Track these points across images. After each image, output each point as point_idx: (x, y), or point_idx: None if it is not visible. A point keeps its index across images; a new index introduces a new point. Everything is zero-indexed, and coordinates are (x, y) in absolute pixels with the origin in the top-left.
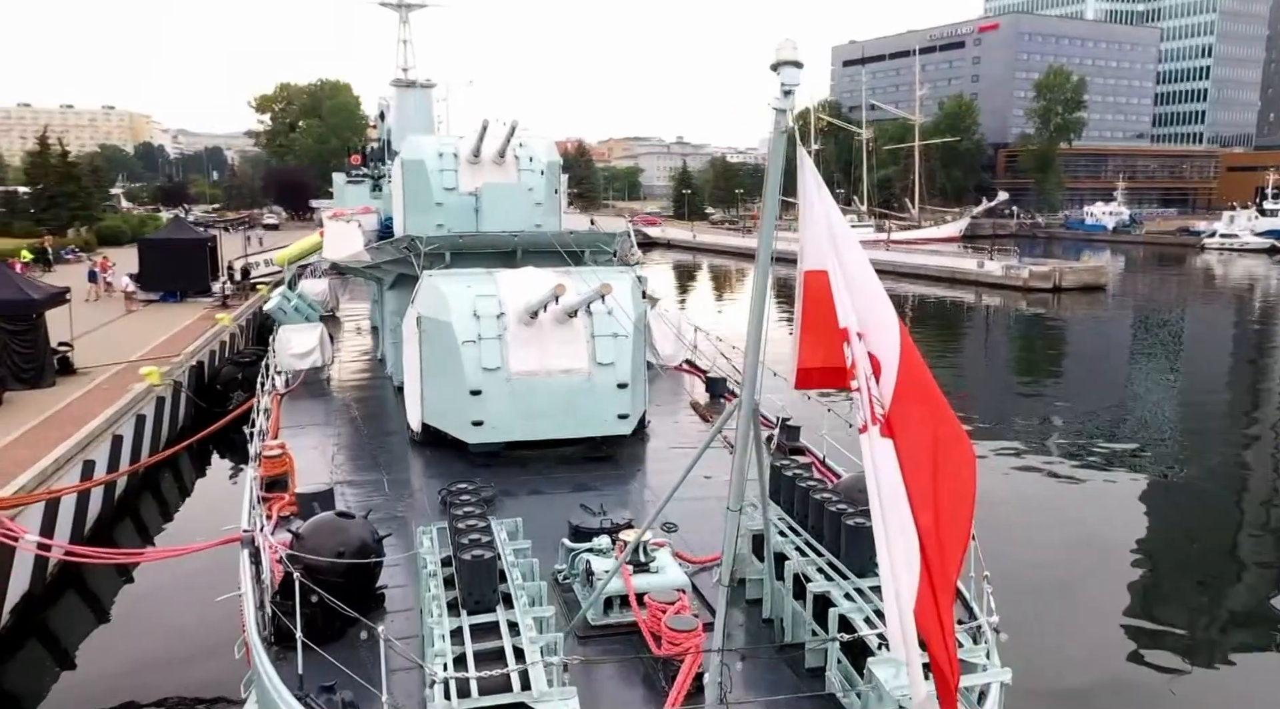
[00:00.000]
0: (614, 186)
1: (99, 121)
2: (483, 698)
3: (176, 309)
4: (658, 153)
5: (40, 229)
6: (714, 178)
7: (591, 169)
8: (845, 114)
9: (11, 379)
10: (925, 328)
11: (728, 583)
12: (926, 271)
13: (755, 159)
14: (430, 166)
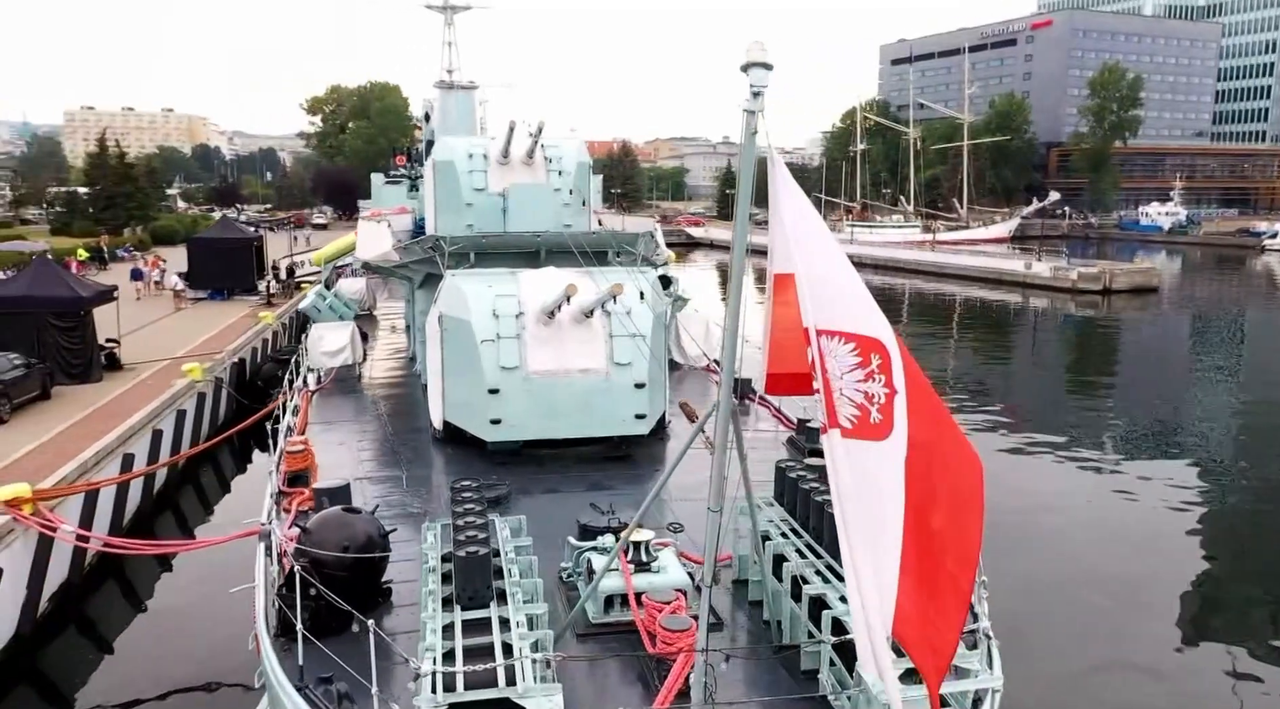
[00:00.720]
0: (659, 187)
1: (158, 123)
2: (468, 693)
3: (223, 307)
4: (703, 153)
5: (98, 229)
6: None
7: (636, 169)
8: (893, 113)
9: (60, 374)
10: (971, 330)
11: (710, 583)
12: (972, 273)
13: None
14: (460, 167)
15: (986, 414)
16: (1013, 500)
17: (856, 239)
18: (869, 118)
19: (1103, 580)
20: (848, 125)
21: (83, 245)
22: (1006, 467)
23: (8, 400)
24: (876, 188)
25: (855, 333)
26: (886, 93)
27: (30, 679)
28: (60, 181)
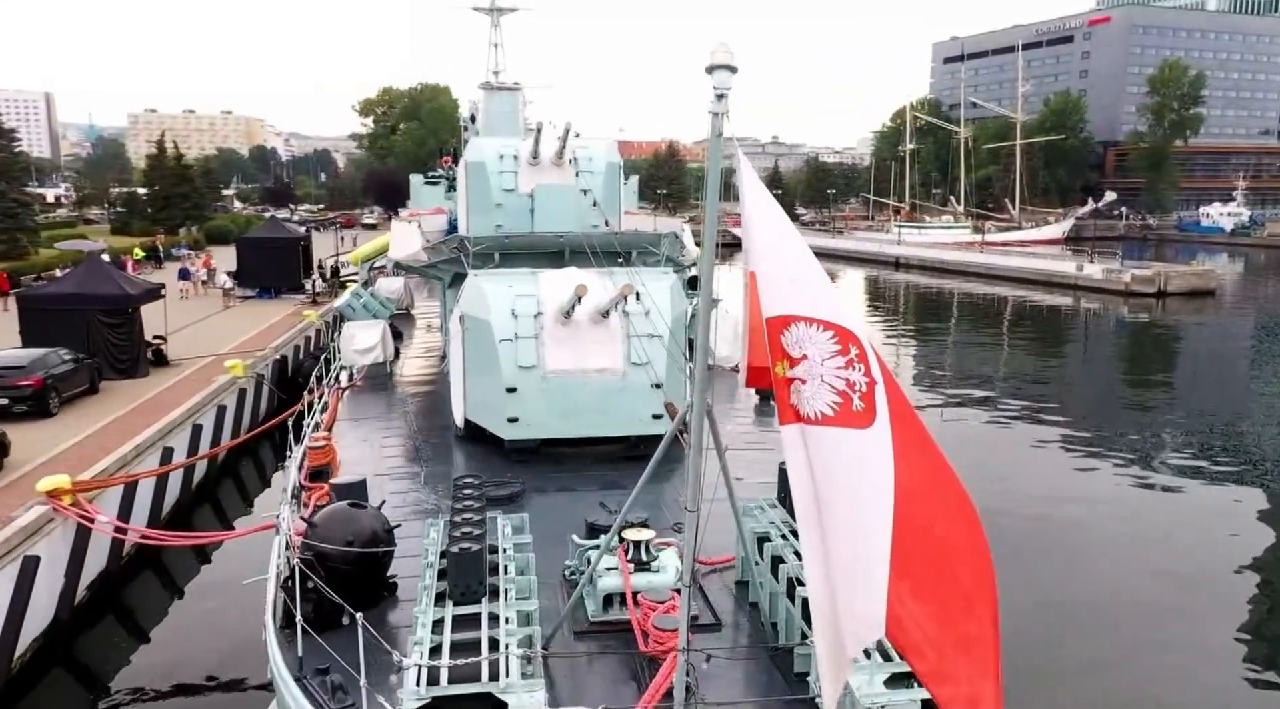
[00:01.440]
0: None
1: (218, 125)
2: (451, 686)
3: (270, 305)
4: (752, 153)
5: (156, 228)
6: (806, 178)
7: (682, 170)
8: (945, 112)
9: (108, 369)
10: (1020, 333)
11: (689, 583)
12: (1022, 274)
13: (852, 158)
14: (491, 168)
15: (1033, 420)
16: (1054, 508)
17: (903, 240)
18: (919, 117)
19: (1136, 603)
20: (898, 125)
21: (139, 244)
22: (1052, 474)
23: (56, 394)
24: (926, 188)
25: (834, 321)
26: (938, 91)
27: (66, 664)
28: (123, 182)
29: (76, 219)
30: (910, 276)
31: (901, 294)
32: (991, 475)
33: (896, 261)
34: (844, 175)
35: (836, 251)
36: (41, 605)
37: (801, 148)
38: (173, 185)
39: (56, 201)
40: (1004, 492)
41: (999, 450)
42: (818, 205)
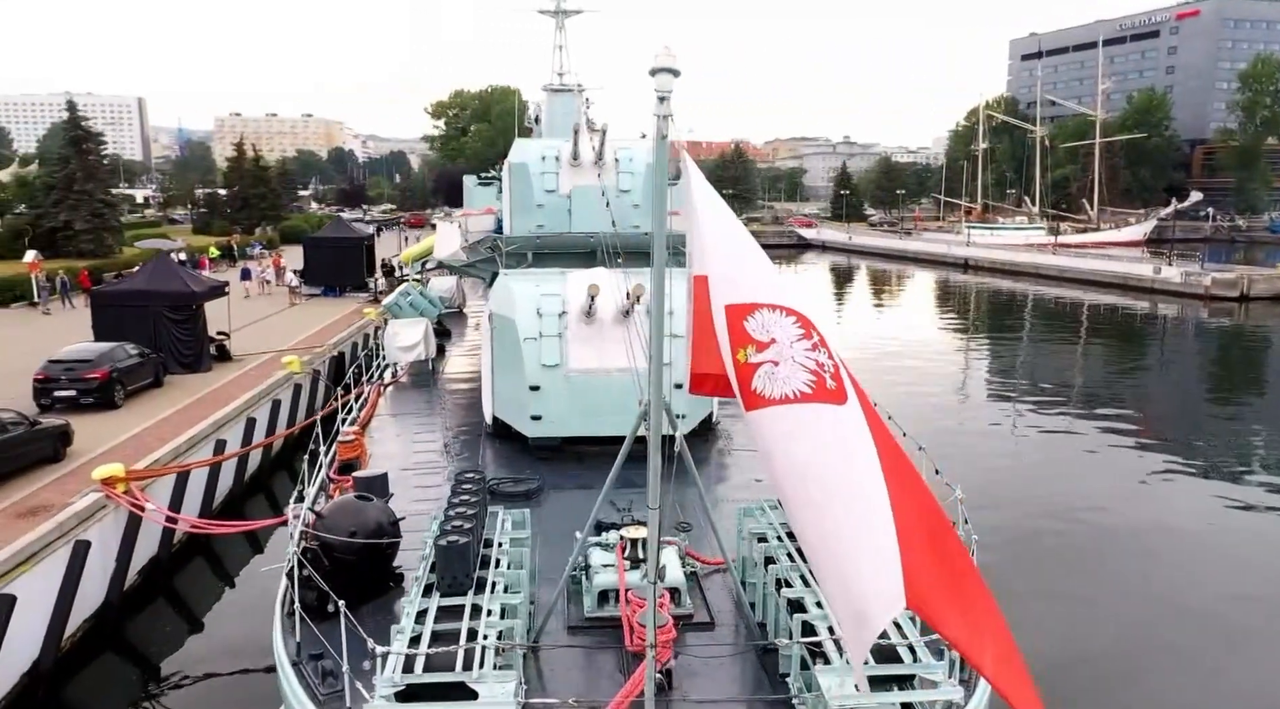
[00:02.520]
0: (777, 187)
1: (298, 128)
2: (426, 675)
3: (334, 303)
4: (823, 153)
5: (234, 228)
6: (876, 178)
7: (748, 170)
8: (1022, 111)
9: (173, 363)
10: (1094, 338)
11: (654, 580)
12: (1095, 277)
13: (925, 158)
14: (533, 169)
15: (1107, 428)
16: (1128, 521)
17: (973, 241)
18: (993, 116)
19: (1216, 627)
20: (972, 124)
21: (214, 243)
22: (1126, 485)
23: (122, 387)
24: (1001, 188)
25: (794, 309)
26: (1015, 89)
27: (115, 645)
28: (207, 184)
29: (162, 219)
30: (979, 279)
31: (972, 297)
32: (1065, 486)
33: (965, 263)
34: (916, 175)
35: (903, 253)
36: (93, 588)
37: (874, 148)
38: (250, 186)
39: (145, 202)
40: (1076, 502)
41: (1072, 459)
42: (887, 206)
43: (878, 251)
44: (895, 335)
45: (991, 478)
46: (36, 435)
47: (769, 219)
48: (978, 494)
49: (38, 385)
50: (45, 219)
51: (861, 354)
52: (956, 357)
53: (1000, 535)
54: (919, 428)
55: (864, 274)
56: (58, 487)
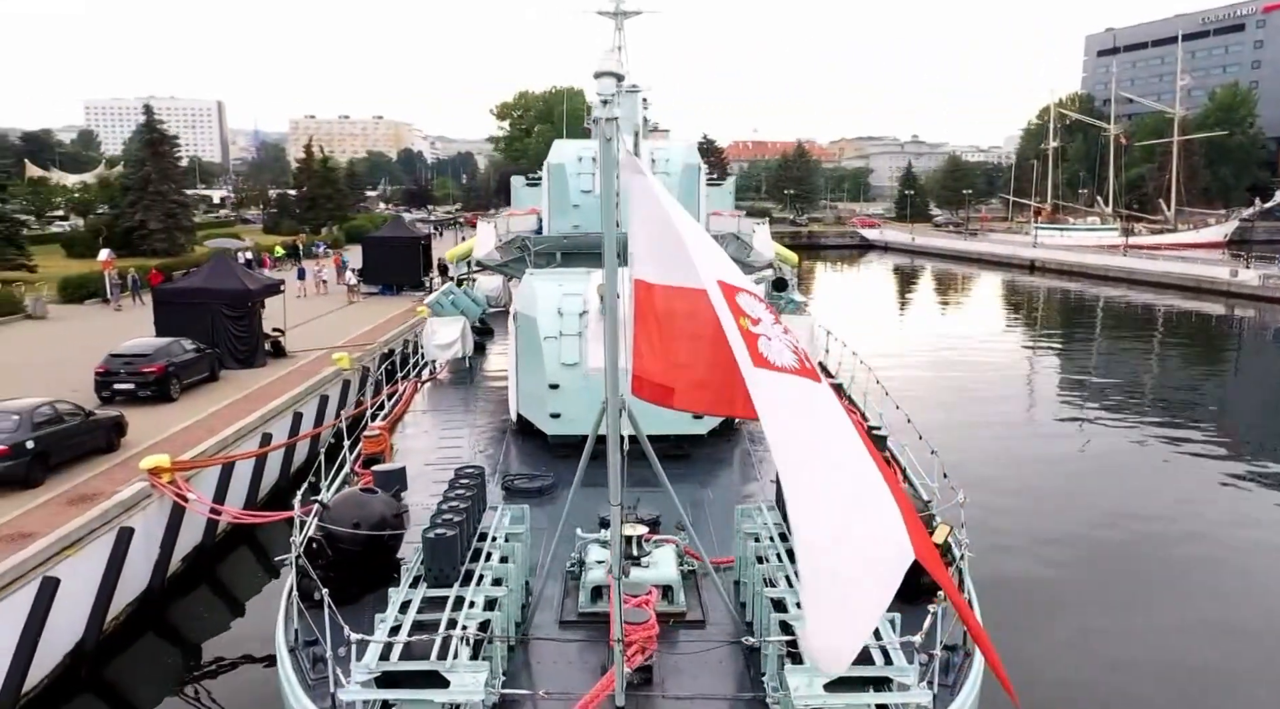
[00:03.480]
0: (842, 188)
1: (369, 130)
2: (401, 662)
3: (391, 301)
4: (890, 152)
5: (303, 227)
6: (942, 178)
7: (810, 170)
8: (1097, 108)
9: (229, 359)
10: (1169, 342)
11: (620, 576)
12: (1168, 280)
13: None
14: (570, 170)
15: (1180, 436)
16: (1203, 534)
17: (1040, 242)
18: (1065, 114)
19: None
20: (1044, 122)
21: (279, 243)
22: (1202, 497)
23: (178, 381)
24: (1073, 188)
25: (762, 297)
26: (1091, 86)
27: (158, 628)
28: (280, 184)
29: (234, 219)
30: (1047, 281)
31: (1039, 300)
32: (1136, 495)
33: (1031, 265)
34: (986, 175)
35: (967, 254)
36: (136, 574)
37: (943, 147)
38: (318, 187)
39: (220, 202)
40: (1148, 512)
41: (1143, 467)
42: (953, 206)
43: (941, 253)
44: (960, 337)
45: (1060, 484)
46: (91, 426)
47: (831, 219)
48: (1045, 499)
49: (99, 378)
50: (123, 219)
51: (925, 357)
52: (1022, 360)
53: (1066, 543)
54: (985, 432)
55: (928, 275)
56: (108, 476)
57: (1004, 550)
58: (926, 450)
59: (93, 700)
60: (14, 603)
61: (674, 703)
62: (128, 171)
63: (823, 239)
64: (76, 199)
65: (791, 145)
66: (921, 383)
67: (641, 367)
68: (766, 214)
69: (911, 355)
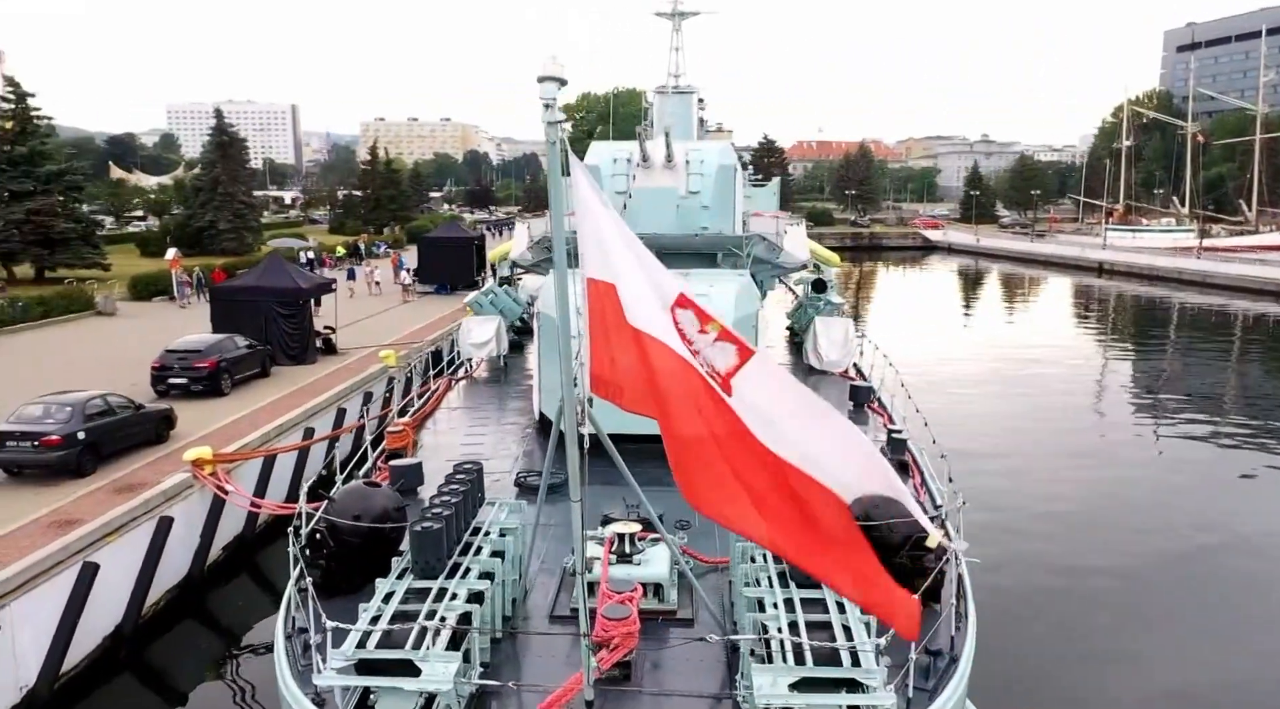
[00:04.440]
0: (908, 188)
1: (436, 132)
2: (377, 651)
3: (444, 301)
4: (958, 152)
5: (367, 228)
6: (1009, 177)
7: (873, 170)
8: (1176, 105)
9: (281, 355)
10: (1248, 349)
11: (583, 571)
12: (1244, 283)
13: (1070, 157)
14: (604, 171)
15: (1260, 445)
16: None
17: (1110, 244)
18: (1140, 111)
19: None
20: (1119, 120)
21: (341, 242)
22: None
23: (229, 376)
24: (1148, 188)
25: (685, 295)
26: (1170, 83)
27: (197, 615)
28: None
29: (303, 219)
30: (1116, 284)
31: (1110, 303)
32: (1213, 508)
33: (1099, 267)
34: (1058, 175)
35: (1032, 256)
36: (176, 561)
37: (1014, 146)
38: (382, 188)
39: (291, 203)
40: (1231, 529)
41: (1220, 479)
42: (1021, 207)
43: (1006, 254)
44: (1026, 342)
45: (1130, 493)
46: (141, 419)
47: (893, 220)
48: (1115, 509)
49: (154, 373)
50: (194, 219)
51: (991, 361)
52: (1085, 365)
53: (1137, 555)
54: (1057, 439)
55: (993, 278)
56: (155, 467)
57: (1054, 564)
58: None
59: (130, 681)
60: (56, 585)
61: (647, 698)
62: (199, 173)
63: (884, 240)
64: (153, 200)
65: (847, 146)
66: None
67: (598, 364)
68: (828, 215)
69: (970, 359)
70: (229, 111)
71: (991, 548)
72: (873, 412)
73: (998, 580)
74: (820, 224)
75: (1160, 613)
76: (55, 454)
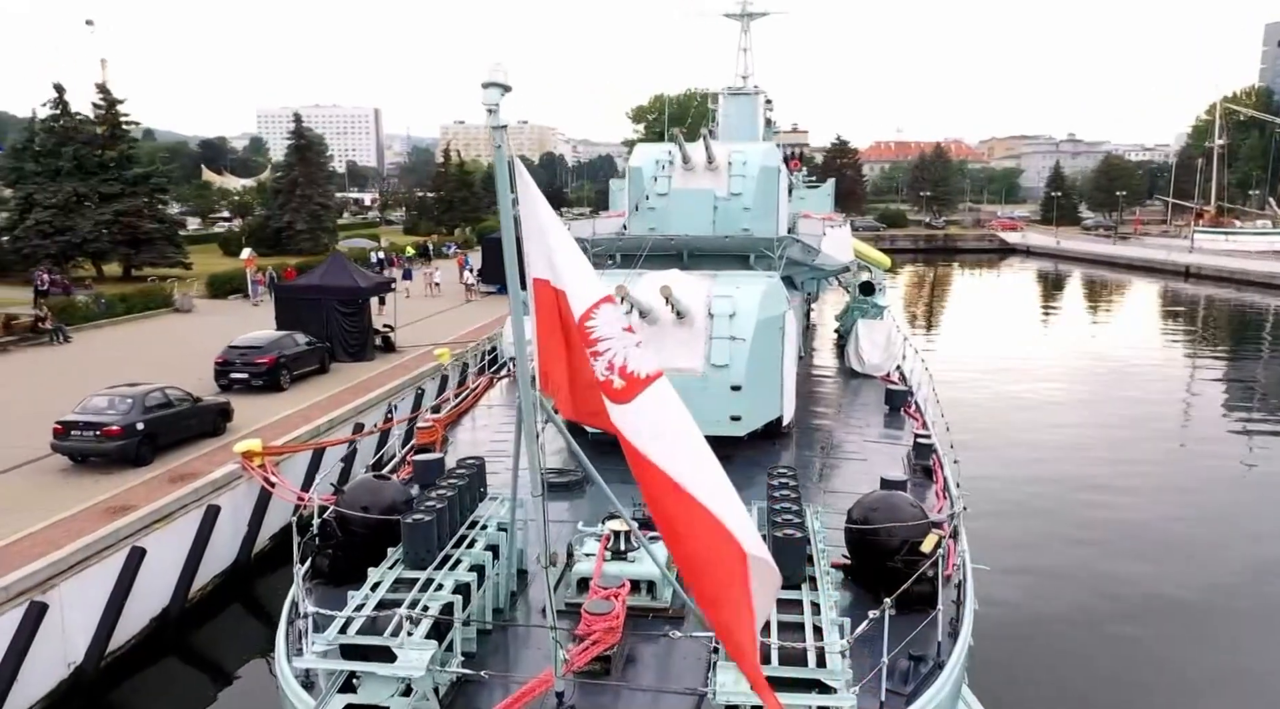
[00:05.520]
0: (989, 189)
1: (513, 134)
2: (357, 636)
3: (505, 300)
4: (1044, 151)
5: (440, 229)
6: (1094, 178)
7: (949, 171)
8: (1276, 103)
9: (340, 352)
10: None
11: (547, 565)
12: None
13: (1163, 157)
14: (646, 173)
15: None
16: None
17: (1198, 246)
18: (1235, 109)
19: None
20: (1212, 118)
21: (411, 243)
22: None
23: (288, 372)
24: (1243, 189)
25: (611, 295)
26: (1270, 79)
27: (244, 600)
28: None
29: (379, 221)
30: (1205, 289)
31: (1199, 309)
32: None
33: (1186, 271)
34: (1149, 175)
35: (1115, 259)
36: (222, 549)
37: (1103, 145)
38: (454, 190)
39: (370, 205)
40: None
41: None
42: (1107, 208)
43: (1088, 257)
44: (1102, 348)
45: (1207, 511)
46: (198, 411)
47: (969, 222)
48: (1202, 522)
49: (217, 368)
50: (273, 220)
51: (1064, 368)
52: (1170, 374)
53: (1201, 584)
54: (1130, 450)
55: (1075, 282)
56: (209, 458)
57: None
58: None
59: (175, 663)
60: (105, 568)
61: (616, 692)
62: (278, 176)
63: (959, 242)
64: (237, 201)
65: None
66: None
67: (543, 363)
68: (901, 216)
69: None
70: (314, 116)
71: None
72: (908, 415)
73: (1029, 591)
74: (892, 226)
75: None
76: (115, 444)
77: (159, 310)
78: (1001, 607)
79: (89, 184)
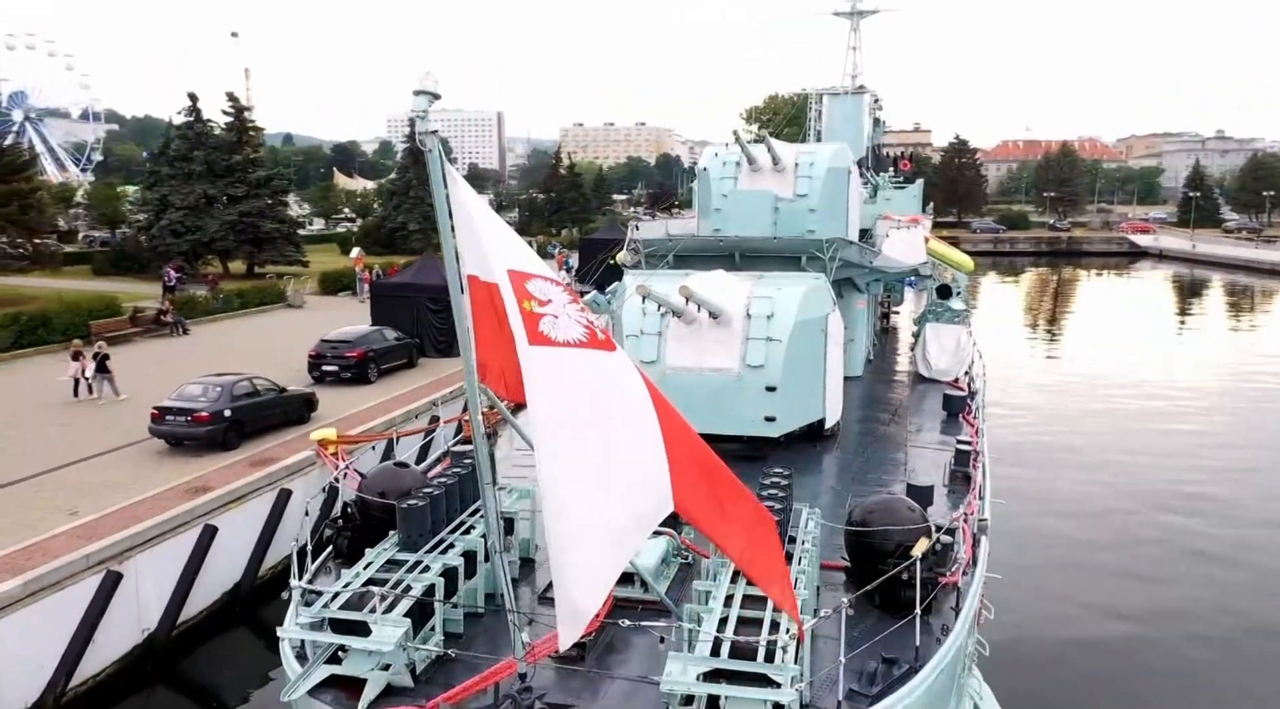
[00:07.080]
0: (1126, 189)
1: (631, 136)
2: (339, 611)
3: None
4: (1188, 149)
5: (549, 229)
6: (1240, 178)
7: (1075, 170)
8: None
9: (430, 348)
10: None
11: (500, 550)
12: None
13: None
14: (713, 174)
15: None
16: None
17: None
18: None
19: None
20: None
21: None
22: None
23: (375, 366)
24: None
25: (560, 281)
26: None
27: None
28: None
29: None
30: None
31: None
32: None
33: None
34: None
35: (1255, 264)
36: (291, 532)
37: (1255, 142)
38: (565, 192)
39: None
40: None
41: None
42: (1254, 210)
43: (1225, 262)
44: (1232, 361)
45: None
46: (284, 401)
47: (1097, 224)
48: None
49: (311, 361)
50: (388, 221)
51: (1214, 382)
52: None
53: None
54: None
55: (1216, 288)
56: (290, 445)
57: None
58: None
59: (245, 634)
60: (180, 542)
61: (587, 678)
62: (394, 178)
63: (1084, 245)
64: (359, 202)
65: (1048, 145)
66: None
67: (480, 354)
68: (1023, 218)
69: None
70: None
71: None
72: (965, 422)
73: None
74: (1014, 228)
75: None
76: (205, 429)
77: (273, 305)
78: (1045, 621)
79: (217, 186)
